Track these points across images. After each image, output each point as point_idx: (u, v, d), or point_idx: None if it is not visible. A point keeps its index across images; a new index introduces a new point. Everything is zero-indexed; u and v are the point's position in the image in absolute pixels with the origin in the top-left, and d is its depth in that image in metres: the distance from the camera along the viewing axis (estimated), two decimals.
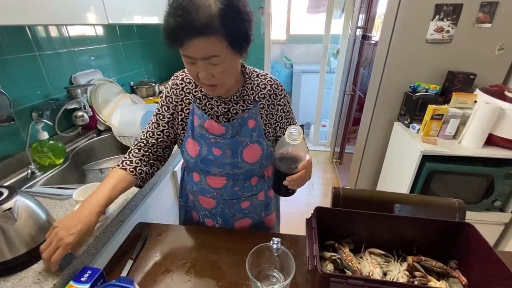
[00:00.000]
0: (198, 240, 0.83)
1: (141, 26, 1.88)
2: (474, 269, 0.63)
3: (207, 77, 0.63)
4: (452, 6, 1.40)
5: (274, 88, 0.79)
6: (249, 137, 0.77)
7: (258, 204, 0.90)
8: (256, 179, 0.85)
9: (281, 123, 0.83)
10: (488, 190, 1.39)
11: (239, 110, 0.78)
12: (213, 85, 0.66)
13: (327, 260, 0.68)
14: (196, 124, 0.76)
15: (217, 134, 0.76)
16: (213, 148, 0.77)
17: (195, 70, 0.63)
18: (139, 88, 1.70)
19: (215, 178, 0.82)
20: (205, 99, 0.77)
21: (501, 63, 1.48)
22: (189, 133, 0.77)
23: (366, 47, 2.01)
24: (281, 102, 0.81)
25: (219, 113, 0.77)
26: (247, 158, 0.78)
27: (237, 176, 0.81)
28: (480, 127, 1.29)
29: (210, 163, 0.78)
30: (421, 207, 0.90)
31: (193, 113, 0.76)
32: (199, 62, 0.61)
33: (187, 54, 0.61)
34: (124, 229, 0.88)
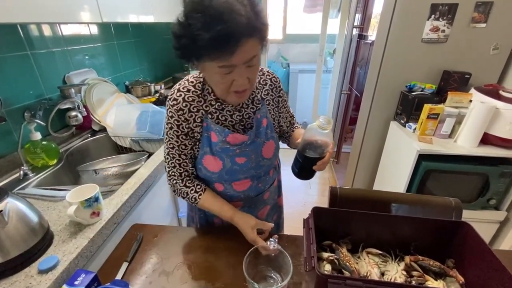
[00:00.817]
0: (195, 241, 0.82)
1: (136, 25, 1.86)
2: (471, 268, 0.63)
3: (244, 83, 0.62)
4: (447, 6, 1.40)
5: (274, 81, 0.81)
6: (265, 136, 0.78)
7: (274, 191, 0.94)
8: (273, 170, 0.89)
9: (283, 114, 0.87)
10: (483, 188, 1.40)
11: (251, 113, 0.77)
12: (243, 91, 0.65)
13: (325, 261, 0.67)
14: (215, 140, 0.73)
15: (239, 144, 0.75)
16: (236, 158, 0.76)
17: (229, 80, 0.61)
18: (134, 87, 1.68)
19: (240, 182, 0.81)
20: (216, 112, 0.74)
21: (496, 62, 1.49)
22: (207, 150, 0.75)
23: (362, 46, 2.01)
24: (280, 94, 0.84)
25: (234, 122, 0.76)
26: (266, 155, 0.79)
27: (259, 174, 0.82)
28: (475, 126, 1.30)
29: (235, 173, 0.78)
30: (418, 206, 0.90)
31: (209, 129, 0.73)
32: (238, 68, 0.59)
33: (232, 62, 0.57)
34: (119, 231, 0.87)
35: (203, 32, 0.52)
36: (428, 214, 0.89)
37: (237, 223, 0.74)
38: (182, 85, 0.73)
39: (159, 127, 1.33)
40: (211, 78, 0.64)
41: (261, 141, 0.77)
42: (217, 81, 0.63)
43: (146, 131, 1.29)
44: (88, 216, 0.75)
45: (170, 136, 0.74)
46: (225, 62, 0.57)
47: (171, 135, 0.74)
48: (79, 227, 0.75)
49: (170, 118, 0.72)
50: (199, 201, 0.78)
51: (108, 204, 0.84)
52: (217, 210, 0.78)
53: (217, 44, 0.53)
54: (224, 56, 0.55)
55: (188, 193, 0.78)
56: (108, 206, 0.83)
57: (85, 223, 0.76)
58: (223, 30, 0.52)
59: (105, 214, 0.80)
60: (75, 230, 0.74)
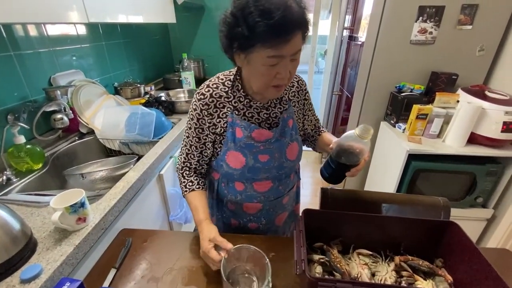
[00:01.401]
0: (186, 245, 0.80)
1: (125, 25, 1.83)
2: (459, 267, 0.64)
3: (286, 76, 0.64)
4: (434, 8, 1.43)
5: (300, 84, 0.84)
6: (289, 137, 0.79)
7: (292, 196, 0.94)
8: (293, 174, 0.89)
9: (307, 117, 0.89)
10: (471, 187, 1.43)
11: (278, 112, 0.79)
12: (282, 86, 0.67)
13: (316, 263, 0.67)
14: (240, 135, 0.74)
15: (264, 141, 0.76)
16: (259, 155, 0.76)
17: (273, 73, 0.63)
18: (123, 89, 1.65)
19: (261, 183, 0.81)
20: (243, 108, 0.76)
21: (482, 63, 1.53)
22: (231, 146, 0.75)
23: (352, 47, 2.03)
24: (306, 96, 0.86)
25: (261, 120, 0.77)
26: (289, 156, 0.80)
27: (280, 176, 0.82)
28: (463, 126, 1.33)
29: (257, 171, 0.78)
30: (407, 206, 0.91)
31: (234, 125, 0.74)
32: (285, 61, 0.61)
33: (283, 52, 0.59)
34: (107, 236, 0.85)
35: (262, 20, 0.55)
36: (418, 214, 0.91)
37: (202, 229, 0.71)
38: (212, 82, 0.75)
39: (149, 129, 1.31)
40: (255, 70, 0.65)
41: (285, 141, 0.78)
42: (261, 73, 0.64)
43: (135, 133, 1.27)
44: (73, 222, 0.73)
45: (188, 126, 0.78)
46: (276, 52, 0.59)
47: (190, 125, 0.77)
48: (64, 233, 0.73)
49: (193, 111, 0.75)
50: (185, 194, 0.80)
51: (95, 209, 0.82)
52: (194, 207, 0.77)
53: (275, 32, 0.56)
54: (279, 45, 0.58)
55: (181, 181, 0.82)
56: (95, 211, 0.81)
57: (71, 229, 0.73)
58: (281, 19, 0.55)
59: (92, 220, 0.77)
60: (60, 236, 0.72)
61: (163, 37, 2.44)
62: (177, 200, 1.33)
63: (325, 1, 2.84)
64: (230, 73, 0.76)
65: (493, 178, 1.39)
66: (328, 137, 0.89)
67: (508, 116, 1.27)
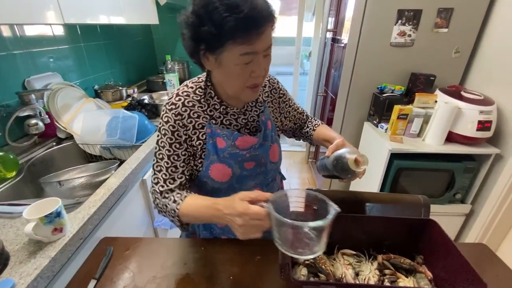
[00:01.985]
0: (170, 252, 0.78)
1: (105, 26, 1.78)
2: (439, 263, 0.66)
3: (261, 73, 0.62)
4: (412, 12, 1.48)
5: (272, 83, 0.81)
6: (270, 139, 0.76)
7: None
8: (278, 175, 0.86)
9: (287, 113, 0.86)
10: (450, 184, 1.48)
11: (255, 116, 0.76)
12: (257, 86, 0.65)
13: (301, 265, 0.67)
14: (223, 145, 0.69)
15: (248, 148, 0.72)
16: (244, 164, 0.73)
17: (248, 72, 0.60)
18: (104, 92, 1.60)
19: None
20: (219, 116, 0.71)
21: (458, 65, 1.59)
22: (214, 158, 0.70)
23: (336, 49, 2.07)
24: (280, 94, 0.83)
25: (240, 126, 0.74)
26: (272, 158, 0.78)
27: (267, 180, 0.80)
28: (441, 125, 1.38)
29: (245, 179, 0.75)
30: (390, 205, 0.94)
31: (214, 135, 0.69)
32: (258, 57, 0.59)
33: (256, 48, 0.57)
34: (86, 246, 0.81)
35: (231, 15, 0.52)
36: (400, 212, 0.93)
37: (222, 205, 0.59)
38: (181, 90, 0.70)
39: (131, 133, 1.28)
40: (229, 72, 0.61)
41: (268, 144, 0.76)
42: (236, 74, 0.60)
43: (116, 138, 1.23)
44: (49, 233, 0.70)
45: (161, 145, 0.68)
46: (249, 48, 0.56)
47: (163, 143, 0.68)
48: (39, 245, 0.69)
49: (165, 124, 0.67)
50: (178, 211, 0.66)
51: (73, 218, 0.78)
52: (199, 209, 0.65)
53: (246, 26, 0.53)
54: (252, 40, 0.55)
55: (167, 205, 0.68)
56: (73, 220, 0.77)
57: (46, 240, 0.70)
58: (251, 12, 0.52)
59: (69, 230, 0.74)
60: (35, 249, 0.68)
61: (146, 39, 2.39)
62: None
63: (309, 3, 2.88)
64: (199, 79, 0.71)
65: (470, 175, 1.45)
66: (326, 132, 0.85)
67: (482, 115, 1.33)
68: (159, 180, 0.69)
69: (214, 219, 0.62)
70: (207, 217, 0.64)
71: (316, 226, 0.50)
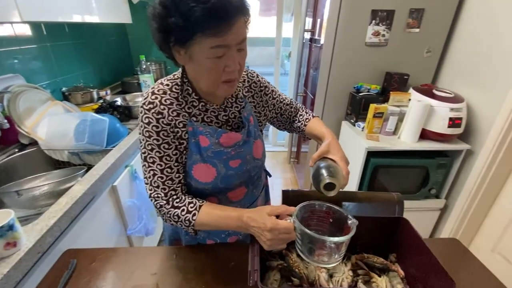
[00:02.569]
0: (139, 262, 0.74)
1: (74, 25, 1.69)
2: (410, 260, 0.66)
3: (236, 68, 0.59)
4: (386, 12, 1.51)
5: (250, 77, 0.77)
6: (253, 135, 0.74)
7: (263, 196, 0.90)
8: (263, 173, 0.84)
9: (269, 107, 0.82)
10: (424, 180, 1.52)
11: (236, 112, 0.73)
12: (233, 81, 0.61)
13: (275, 269, 0.66)
14: (206, 144, 0.66)
15: (233, 145, 0.69)
16: (230, 162, 0.70)
17: (221, 66, 0.57)
18: (72, 94, 1.52)
19: (236, 191, 0.75)
20: (199, 113, 0.68)
21: (429, 64, 1.64)
22: (197, 158, 0.67)
23: (314, 50, 2.08)
24: (261, 87, 0.79)
25: (221, 123, 0.71)
26: (256, 155, 0.75)
27: (253, 178, 0.78)
28: (415, 123, 1.41)
29: (231, 179, 0.71)
30: (366, 203, 0.94)
31: (197, 134, 0.66)
32: (231, 51, 0.56)
33: (227, 41, 0.54)
34: (46, 260, 0.75)
35: (198, 4, 0.49)
36: (375, 210, 0.93)
37: (250, 219, 0.59)
38: (156, 88, 0.65)
39: (101, 137, 1.21)
40: (200, 66, 0.58)
41: (251, 141, 0.73)
42: (208, 68, 0.57)
43: (84, 142, 1.16)
44: (1, 248, 0.64)
45: (148, 148, 0.64)
46: (220, 41, 0.53)
47: (150, 146, 0.64)
48: None
49: (147, 125, 0.62)
50: (194, 221, 0.64)
51: (30, 230, 0.72)
52: (220, 220, 0.63)
53: (214, 16, 0.50)
54: (222, 31, 0.52)
55: (179, 215, 0.64)
56: (30, 233, 0.71)
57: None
58: (218, 2, 0.50)
59: (24, 244, 0.68)
60: None
61: (120, 39, 2.31)
62: (135, 212, 1.25)
63: (288, 3, 2.89)
64: (175, 76, 0.67)
65: (444, 171, 1.49)
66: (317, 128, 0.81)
67: (453, 113, 1.37)
68: (158, 185, 0.65)
69: (238, 229, 0.63)
70: (231, 227, 0.64)
71: (339, 241, 0.54)
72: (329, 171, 0.62)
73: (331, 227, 0.63)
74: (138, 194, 1.30)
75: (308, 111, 0.88)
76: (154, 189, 0.66)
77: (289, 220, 0.56)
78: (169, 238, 0.88)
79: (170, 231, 0.87)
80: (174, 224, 0.68)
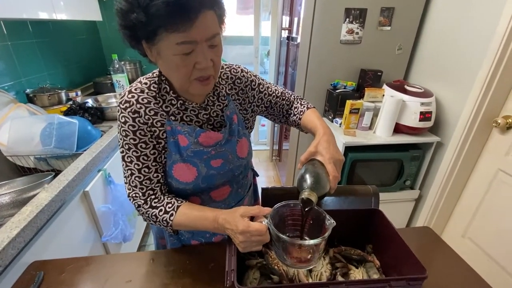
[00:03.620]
0: (112, 271, 0.71)
1: (38, 23, 1.59)
2: (385, 250, 0.68)
3: (208, 65, 0.56)
4: (358, 10, 1.54)
5: (234, 73, 0.74)
6: (237, 134, 0.71)
7: (251, 196, 0.89)
8: (250, 172, 0.83)
9: (256, 101, 0.78)
10: (399, 172, 1.58)
11: (219, 110, 0.70)
12: (207, 79, 0.59)
13: (254, 268, 0.65)
14: (185, 143, 0.65)
15: (213, 144, 0.67)
16: (211, 161, 0.68)
17: (190, 63, 0.55)
18: (38, 96, 1.42)
19: (219, 190, 0.73)
20: (178, 112, 0.66)
21: (401, 61, 1.71)
22: (176, 158, 0.65)
23: (291, 48, 2.09)
24: (246, 82, 0.75)
25: (201, 122, 0.69)
26: (240, 154, 0.73)
27: (237, 178, 0.76)
28: (388, 117, 1.46)
29: (212, 179, 0.69)
30: (343, 197, 0.96)
31: (175, 133, 0.64)
32: (200, 47, 0.54)
33: (193, 36, 0.51)
34: (9, 274, 0.70)
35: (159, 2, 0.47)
36: (353, 203, 0.95)
37: (224, 220, 0.58)
38: (133, 87, 0.63)
39: (70, 141, 1.15)
40: (169, 63, 0.56)
41: (235, 140, 0.71)
42: (176, 64, 0.55)
43: (51, 147, 1.09)
44: None
45: (126, 148, 0.63)
46: (185, 37, 0.51)
47: (128, 145, 0.63)
48: None
49: (123, 125, 0.62)
50: (171, 222, 0.63)
51: None
52: (197, 221, 0.62)
53: (174, 10, 0.48)
54: (184, 27, 0.50)
55: (157, 215, 0.64)
56: None
57: None
58: None
59: None
60: None
61: (91, 37, 2.20)
62: (110, 218, 1.19)
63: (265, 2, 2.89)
64: (154, 75, 0.66)
65: (416, 163, 1.56)
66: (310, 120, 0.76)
67: (423, 107, 1.43)
68: (136, 184, 0.65)
69: (215, 230, 0.62)
70: (208, 228, 0.62)
71: (313, 243, 0.53)
72: (311, 181, 0.57)
73: (310, 227, 0.62)
74: (113, 199, 1.24)
75: (304, 103, 0.82)
76: (132, 189, 0.66)
77: (264, 222, 0.55)
78: (155, 236, 0.87)
79: (156, 229, 0.85)
80: (154, 224, 0.68)
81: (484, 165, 1.39)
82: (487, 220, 1.39)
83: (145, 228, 1.85)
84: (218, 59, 0.60)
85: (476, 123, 1.33)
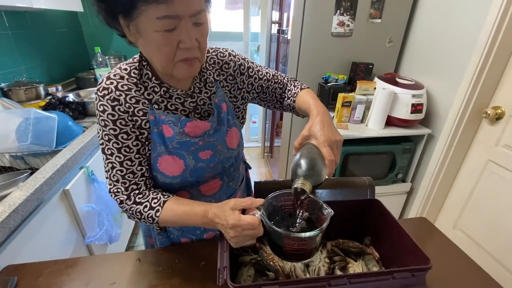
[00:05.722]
0: (95, 273, 0.66)
1: (13, 13, 1.49)
2: (385, 241, 0.66)
3: (193, 44, 0.51)
4: (349, 2, 1.52)
5: (221, 57, 0.68)
6: (227, 123, 0.67)
7: (244, 189, 0.86)
8: (242, 165, 0.79)
9: (246, 87, 0.73)
10: (392, 165, 1.58)
11: (206, 98, 0.65)
12: (193, 59, 0.54)
13: (248, 265, 0.61)
14: (170, 134, 0.60)
15: (201, 134, 0.62)
16: (199, 153, 0.63)
17: (174, 41, 0.50)
18: (13, 90, 1.33)
19: (208, 184, 0.69)
20: (162, 100, 0.60)
21: (391, 54, 1.70)
22: (161, 150, 0.61)
23: (282, 42, 2.06)
24: (235, 67, 0.69)
25: (188, 111, 0.63)
26: (230, 145, 0.68)
27: (228, 170, 0.72)
28: (380, 110, 1.45)
29: (201, 171, 0.64)
30: (338, 189, 0.93)
31: (159, 123, 0.59)
32: (184, 23, 0.49)
33: (176, 10, 0.47)
34: None
35: None
36: (348, 195, 0.93)
37: (214, 214, 0.54)
38: (112, 73, 0.58)
39: (49, 137, 1.07)
40: (149, 41, 0.51)
41: (224, 129, 0.66)
42: (158, 43, 0.50)
43: (28, 143, 1.02)
44: None
45: (106, 139, 0.58)
46: (166, 10, 0.46)
47: (107, 136, 0.58)
48: None
49: (102, 114, 0.56)
50: (158, 218, 0.59)
51: None
52: (185, 216, 0.58)
53: None
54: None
55: (141, 212, 0.60)
56: None
57: None
58: None
59: None
60: None
61: (72, 30, 2.10)
62: (94, 218, 1.12)
63: None
64: (134, 60, 0.60)
65: (408, 155, 1.56)
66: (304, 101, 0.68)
67: (415, 99, 1.43)
68: (118, 179, 0.60)
69: (204, 226, 0.58)
70: (197, 224, 0.58)
71: (310, 235, 0.49)
72: (305, 168, 0.52)
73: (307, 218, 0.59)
74: (97, 198, 1.17)
75: (298, 84, 0.76)
76: (114, 184, 0.61)
77: (257, 214, 0.51)
78: (144, 234, 0.83)
79: (144, 227, 0.80)
80: (139, 221, 0.63)
81: (474, 156, 1.40)
82: (477, 211, 1.40)
83: (134, 229, 1.78)
84: (204, 40, 0.55)
85: (466, 115, 1.33)
